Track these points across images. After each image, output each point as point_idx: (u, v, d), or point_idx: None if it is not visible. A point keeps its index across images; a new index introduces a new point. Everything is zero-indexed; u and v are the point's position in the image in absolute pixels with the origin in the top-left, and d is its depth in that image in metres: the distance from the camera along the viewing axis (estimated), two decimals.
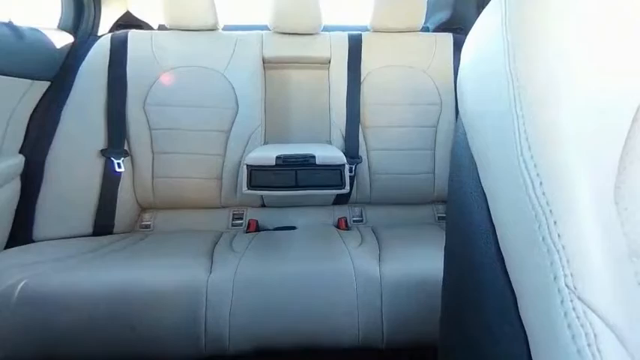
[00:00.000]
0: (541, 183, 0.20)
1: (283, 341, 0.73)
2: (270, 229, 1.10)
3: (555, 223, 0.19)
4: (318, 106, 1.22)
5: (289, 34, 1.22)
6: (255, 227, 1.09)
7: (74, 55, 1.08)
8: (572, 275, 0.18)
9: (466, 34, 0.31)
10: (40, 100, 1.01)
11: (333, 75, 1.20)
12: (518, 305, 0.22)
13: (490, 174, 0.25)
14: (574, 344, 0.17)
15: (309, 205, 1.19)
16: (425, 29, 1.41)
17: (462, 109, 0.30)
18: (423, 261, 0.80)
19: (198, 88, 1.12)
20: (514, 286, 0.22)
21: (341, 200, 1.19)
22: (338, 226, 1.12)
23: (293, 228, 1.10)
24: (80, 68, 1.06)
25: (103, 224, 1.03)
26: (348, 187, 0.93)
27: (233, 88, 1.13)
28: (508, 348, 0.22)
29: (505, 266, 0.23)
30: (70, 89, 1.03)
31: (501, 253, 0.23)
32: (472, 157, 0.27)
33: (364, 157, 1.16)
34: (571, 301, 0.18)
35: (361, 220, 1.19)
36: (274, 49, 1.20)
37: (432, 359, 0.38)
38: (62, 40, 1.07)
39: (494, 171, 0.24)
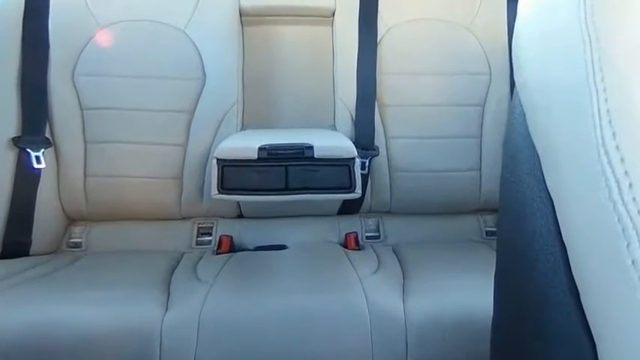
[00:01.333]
0: (631, 184, 0.16)
1: None
2: (250, 249, 0.94)
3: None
4: (319, 77, 1.05)
5: None
6: (229, 246, 0.92)
7: None
8: None
9: None
10: None
11: (338, 33, 1.02)
12: (599, 356, 0.18)
13: (559, 171, 0.21)
14: None
15: (305, 216, 1.02)
16: None
17: (520, 80, 0.26)
18: (465, 294, 0.71)
19: (150, 51, 0.92)
20: (593, 330, 0.19)
21: (350, 209, 1.02)
22: (346, 245, 0.95)
23: (283, 247, 0.94)
24: None
25: (16, 242, 0.85)
26: (359, 191, 0.79)
27: (198, 50, 0.93)
28: None
29: (580, 301, 0.19)
30: None
31: (574, 282, 0.20)
32: (534, 148, 0.24)
33: (382, 149, 0.98)
34: None
35: (378, 237, 1.02)
36: None
37: None
38: None
39: (566, 167, 0.20)
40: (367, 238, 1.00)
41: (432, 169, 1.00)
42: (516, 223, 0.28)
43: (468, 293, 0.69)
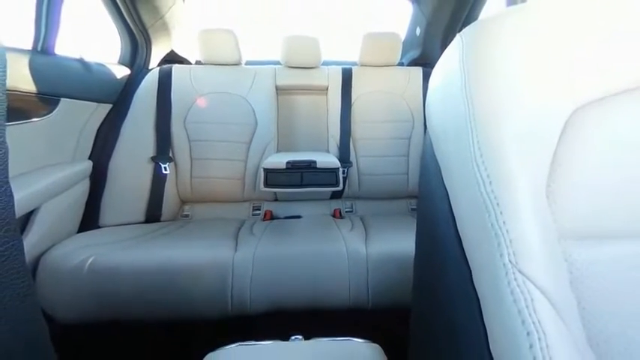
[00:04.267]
0: (490, 182, 0.21)
1: (291, 303, 0.75)
2: (281, 218, 1.12)
3: (501, 213, 0.20)
4: (318, 123, 1.26)
5: (296, 67, 1.27)
6: (270, 216, 1.12)
7: (131, 84, 1.14)
8: (514, 253, 0.19)
9: (432, 68, 0.31)
10: (104, 118, 1.06)
11: (330, 99, 1.25)
12: (473, 276, 0.22)
13: (451, 175, 0.25)
14: (515, 306, 0.18)
15: (312, 200, 1.21)
16: (400, 64, 1.48)
17: (429, 125, 0.30)
18: (400, 242, 0.83)
19: (226, 108, 1.16)
20: (469, 262, 0.22)
21: (336, 195, 1.23)
22: (334, 216, 1.14)
23: (299, 217, 1.12)
24: (135, 94, 1.12)
25: (153, 214, 1.06)
26: (341, 186, 0.95)
27: (253, 109, 1.18)
28: (465, 309, 0.22)
29: (462, 246, 0.23)
30: (127, 110, 1.09)
31: (460, 236, 0.24)
32: (437, 162, 0.28)
33: (354, 162, 1.20)
34: (513, 273, 0.19)
35: (352, 211, 1.22)
36: (285, 79, 1.24)
37: (406, 317, 0.38)
38: (121, 72, 1.13)
39: (455, 173, 0.25)
40: (346, 212, 1.21)
41: (382, 173, 1.22)
42: (428, 203, 0.31)
43: (401, 242, 0.82)
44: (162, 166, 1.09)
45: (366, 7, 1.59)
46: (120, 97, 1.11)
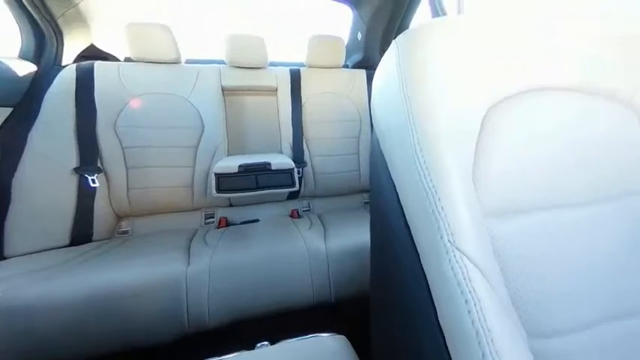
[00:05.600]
0: (429, 174, 0.23)
1: (254, 310, 0.72)
2: (237, 224, 1.07)
3: (439, 200, 0.22)
4: (270, 125, 1.22)
5: (242, 67, 1.20)
6: (225, 223, 1.06)
7: (38, 83, 0.94)
8: (452, 234, 0.21)
9: (374, 70, 0.32)
10: (2, 124, 0.87)
11: (280, 100, 1.22)
12: (420, 257, 0.24)
13: (397, 170, 0.27)
14: (455, 279, 0.20)
15: (268, 202, 1.18)
16: (345, 66, 1.53)
17: (375, 124, 0.31)
18: (356, 235, 0.85)
19: (167, 111, 1.05)
20: (417, 245, 0.24)
21: (293, 196, 1.21)
22: (291, 216, 1.12)
23: (257, 221, 1.08)
24: (46, 95, 0.93)
25: (82, 234, 0.92)
26: (297, 186, 0.94)
27: (198, 111, 1.08)
28: (417, 289, 0.24)
29: (411, 232, 0.25)
30: (36, 115, 0.91)
31: (408, 224, 0.25)
32: (384, 158, 0.29)
33: (309, 162, 1.19)
34: (452, 251, 0.21)
35: (309, 210, 1.22)
36: (231, 80, 1.17)
37: (367, 305, 0.39)
38: (24, 68, 0.93)
39: (400, 167, 0.26)
40: (304, 211, 1.21)
41: (336, 171, 1.24)
42: (378, 196, 0.32)
43: (358, 235, 0.85)
44: (89, 178, 0.95)
45: (308, 11, 1.60)
46: (24, 98, 0.93)
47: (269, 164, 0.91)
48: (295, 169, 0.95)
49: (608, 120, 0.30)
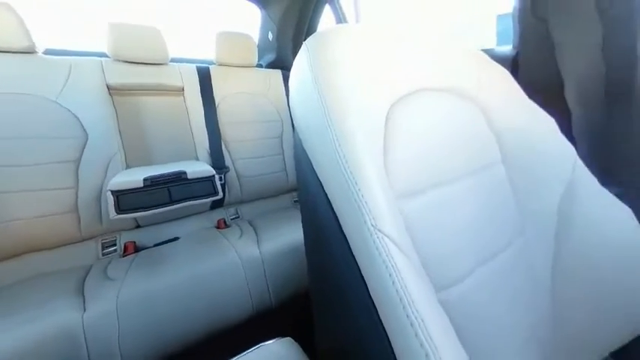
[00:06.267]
0: (348, 165, 0.25)
1: (187, 340, 0.65)
2: (150, 247, 0.91)
3: (359, 189, 0.24)
4: (179, 128, 1.08)
5: (134, 62, 1.02)
6: (133, 249, 0.88)
7: None
8: (373, 218, 0.23)
9: (289, 70, 0.33)
10: None
11: (188, 101, 1.10)
12: (349, 243, 0.25)
13: (320, 165, 0.28)
14: (380, 256, 0.23)
15: (188, 215, 1.05)
16: (259, 66, 1.49)
17: (296, 124, 0.32)
18: (290, 234, 0.85)
19: (21, 117, 0.80)
20: (345, 232, 0.26)
21: (217, 205, 1.11)
22: (218, 227, 1.04)
23: (176, 239, 0.95)
24: None
25: None
26: (221, 194, 0.88)
27: (75, 115, 0.87)
28: (348, 272, 0.26)
29: (339, 222, 0.26)
30: None
31: (336, 215, 0.27)
32: (307, 155, 0.30)
33: (231, 167, 1.12)
34: (375, 233, 0.23)
35: (238, 217, 1.15)
36: (118, 77, 0.98)
37: (308, 301, 0.40)
38: None
39: (322, 162, 0.28)
40: (232, 219, 1.12)
41: (262, 173, 1.19)
42: (306, 193, 0.33)
43: (291, 234, 0.85)
44: None
45: (213, 10, 1.48)
46: None
47: (184, 173, 0.82)
48: (216, 176, 0.89)
49: (466, 114, 0.39)
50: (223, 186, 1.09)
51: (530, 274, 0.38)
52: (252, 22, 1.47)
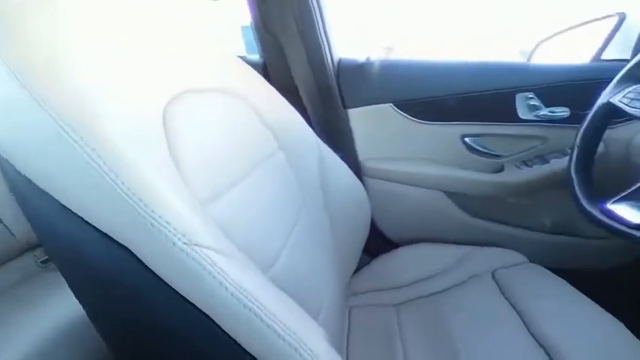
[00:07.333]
0: (123, 182, 0.20)
1: None
2: None
3: (153, 211, 0.20)
4: None
5: None
6: None
7: None
8: (183, 235, 0.21)
9: None
10: None
11: None
12: (161, 276, 0.22)
13: (71, 192, 0.22)
14: (205, 270, 0.21)
15: None
16: None
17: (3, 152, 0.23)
18: (45, 320, 0.61)
19: None
20: (149, 265, 0.22)
21: None
22: None
23: None
24: None
25: None
26: None
27: None
28: (169, 303, 0.23)
29: (137, 258, 0.22)
30: None
31: (128, 252, 0.22)
32: (36, 185, 0.22)
33: None
34: (192, 249, 0.21)
35: None
36: None
37: None
38: None
39: (74, 188, 0.21)
40: None
41: None
42: (60, 243, 0.26)
43: (45, 320, 0.62)
44: None
45: None
46: None
47: None
48: None
49: (241, 114, 0.43)
50: None
51: (320, 234, 0.51)
52: None
